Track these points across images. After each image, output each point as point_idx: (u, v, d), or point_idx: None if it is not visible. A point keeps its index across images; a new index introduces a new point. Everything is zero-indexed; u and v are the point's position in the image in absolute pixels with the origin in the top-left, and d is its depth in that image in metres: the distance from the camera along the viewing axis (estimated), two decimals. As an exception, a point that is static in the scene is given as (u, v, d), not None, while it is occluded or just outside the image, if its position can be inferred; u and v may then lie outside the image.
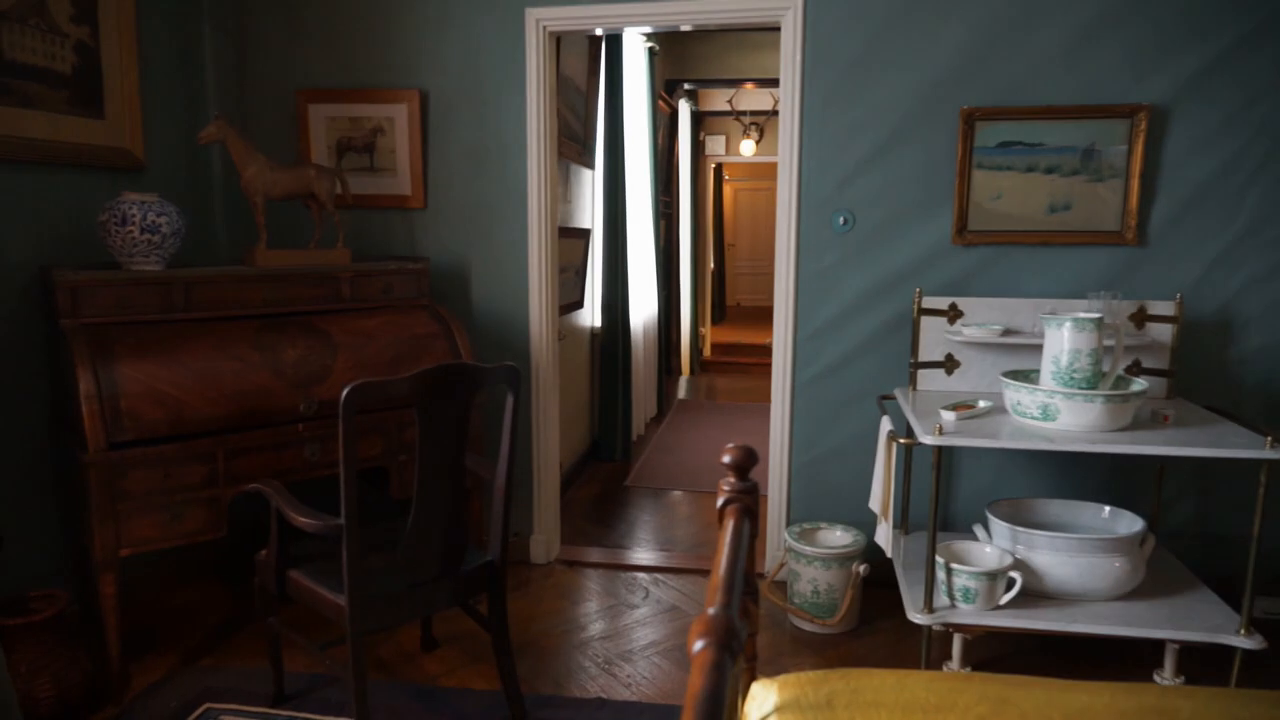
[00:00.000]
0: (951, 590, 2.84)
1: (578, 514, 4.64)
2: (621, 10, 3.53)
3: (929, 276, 3.44)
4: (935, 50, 3.34)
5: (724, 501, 1.55)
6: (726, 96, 9.31)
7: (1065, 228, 3.34)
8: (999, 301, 3.33)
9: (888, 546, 3.04)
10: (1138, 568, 2.88)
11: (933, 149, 3.39)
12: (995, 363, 3.29)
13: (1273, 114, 3.19)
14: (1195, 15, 3.18)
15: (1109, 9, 3.22)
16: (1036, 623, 2.79)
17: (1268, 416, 3.27)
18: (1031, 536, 2.88)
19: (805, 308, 3.57)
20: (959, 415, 2.87)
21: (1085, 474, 3.43)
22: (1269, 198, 3.23)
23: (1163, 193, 3.29)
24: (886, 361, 3.53)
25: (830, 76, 3.43)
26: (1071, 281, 3.36)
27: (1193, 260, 3.30)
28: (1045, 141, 3.31)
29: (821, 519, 3.60)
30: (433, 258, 3.77)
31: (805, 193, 3.51)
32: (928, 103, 3.37)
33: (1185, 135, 3.24)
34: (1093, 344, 2.75)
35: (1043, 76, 3.29)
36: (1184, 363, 3.30)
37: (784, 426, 3.66)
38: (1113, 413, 2.72)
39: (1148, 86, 3.24)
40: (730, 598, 1.16)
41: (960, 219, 3.38)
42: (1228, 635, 2.69)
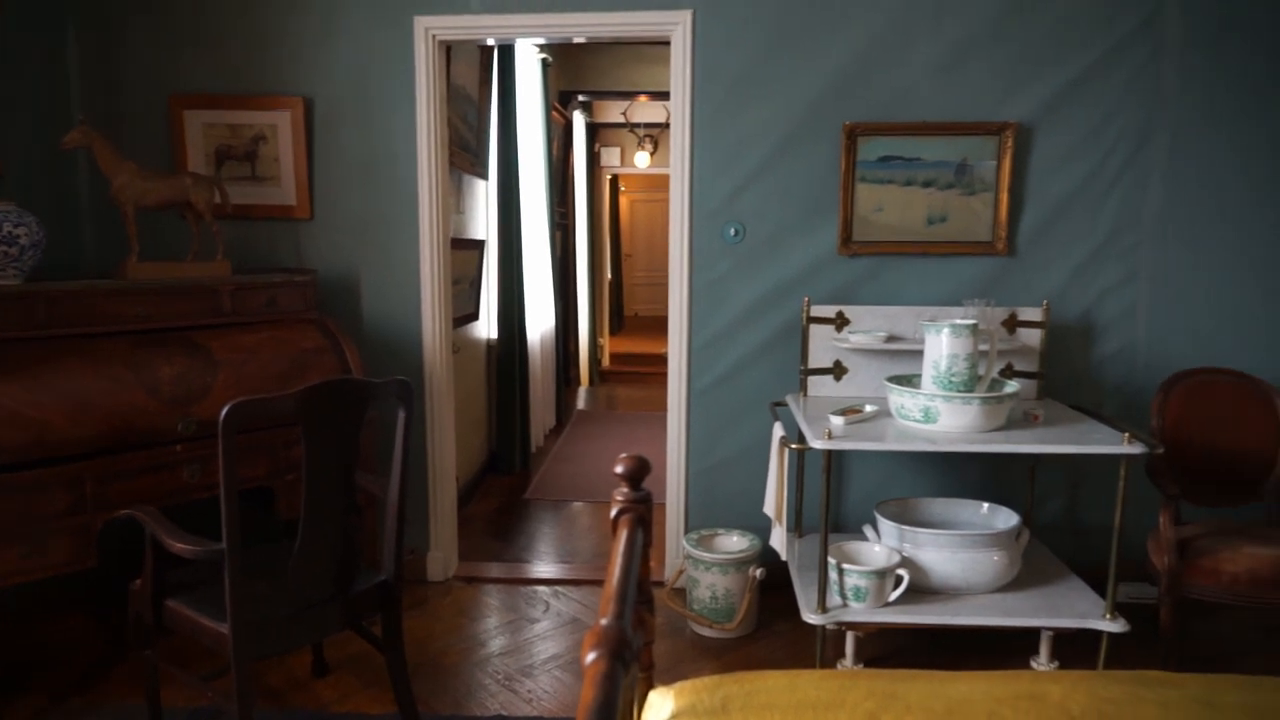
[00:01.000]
0: (843, 590, 2.93)
1: (476, 529, 4.58)
2: (513, 21, 3.52)
3: (817, 285, 3.55)
4: (819, 67, 3.46)
5: (617, 512, 1.55)
6: (621, 108, 9.38)
7: (942, 238, 3.50)
8: (883, 309, 3.47)
9: (782, 550, 3.11)
10: (1014, 561, 3.03)
11: (818, 162, 3.51)
12: (881, 368, 3.42)
13: (1124, 133, 3.43)
14: (1054, 40, 3.39)
15: (976, 33, 3.40)
16: (923, 617, 2.90)
17: (1126, 414, 3.50)
18: (917, 534, 2.99)
19: (699, 317, 3.63)
20: (847, 420, 2.97)
21: (965, 473, 3.60)
22: (1122, 211, 3.48)
23: (1029, 205, 3.49)
24: (778, 369, 3.61)
25: (719, 91, 3.50)
26: (949, 289, 3.53)
27: (1057, 269, 3.51)
28: (923, 156, 3.47)
29: (719, 525, 3.66)
30: (320, 270, 3.65)
31: (697, 204, 3.57)
32: (813, 118, 3.49)
33: (1048, 151, 3.45)
34: (969, 349, 2.90)
35: (919, 94, 3.45)
36: (1052, 365, 3.50)
37: (680, 435, 3.70)
38: (988, 414, 2.86)
39: (1013, 105, 3.43)
40: (623, 608, 1.16)
41: (845, 230, 3.50)
42: (1095, 620, 2.86)
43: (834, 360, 3.49)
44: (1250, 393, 3.29)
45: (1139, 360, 3.55)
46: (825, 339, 3.47)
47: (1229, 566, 2.87)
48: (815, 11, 3.43)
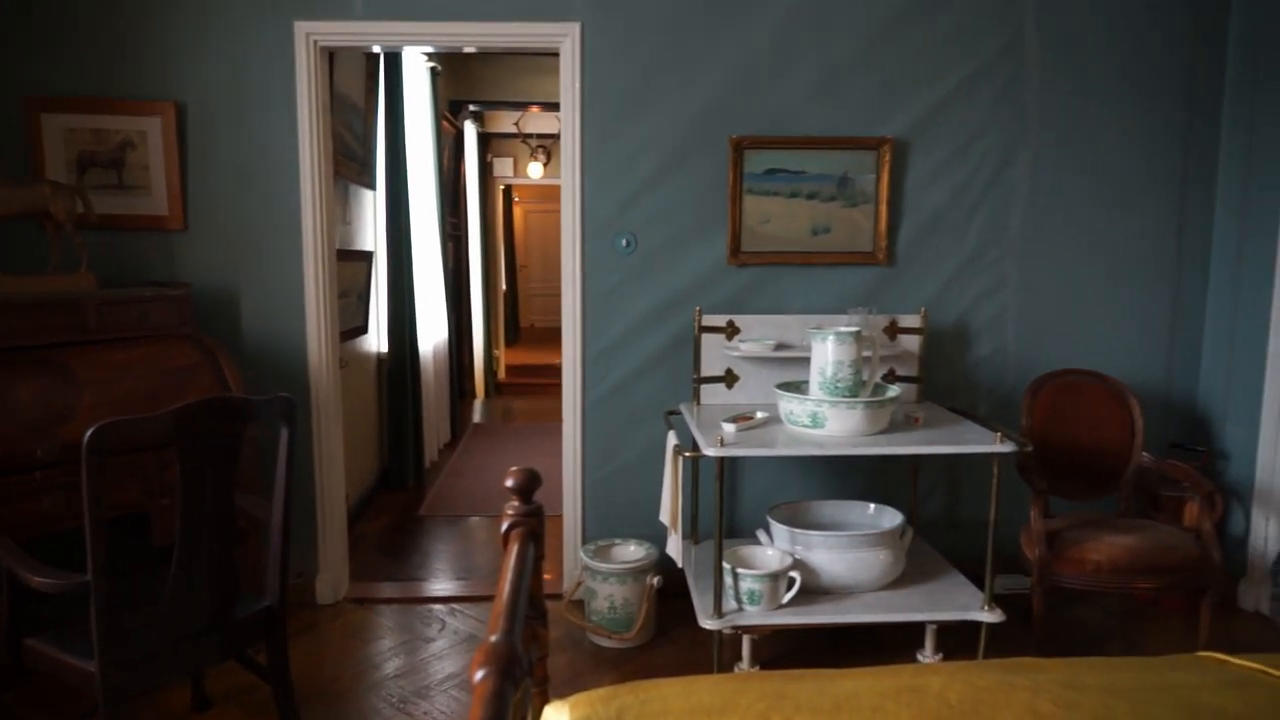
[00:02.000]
0: (739, 594, 2.98)
1: (368, 548, 4.45)
2: (399, 29, 3.46)
3: (708, 295, 3.61)
4: (706, 82, 3.53)
5: (508, 526, 1.54)
6: (513, 119, 9.32)
7: (826, 249, 3.62)
8: (772, 318, 3.56)
9: (678, 557, 3.14)
10: (899, 558, 3.15)
11: (707, 175, 3.57)
12: (771, 375, 3.50)
13: (988, 151, 3.63)
14: (925, 62, 3.56)
15: (853, 54, 3.54)
16: (815, 617, 2.98)
17: (998, 414, 3.70)
18: (808, 537, 3.08)
19: (592, 328, 3.64)
20: (739, 427, 3.03)
21: (852, 474, 3.72)
22: (990, 223, 3.68)
23: (906, 217, 3.65)
24: (671, 377, 3.66)
25: (609, 103, 3.53)
26: (834, 298, 3.65)
27: (933, 278, 3.68)
28: (806, 169, 3.58)
29: (617, 535, 3.66)
30: (196, 283, 3.49)
31: (589, 215, 3.58)
32: (701, 131, 3.55)
33: (922, 166, 3.62)
34: (853, 355, 3.00)
35: (802, 110, 3.56)
36: (930, 369, 3.67)
37: (576, 445, 3.70)
38: (872, 417, 2.97)
39: (890, 122, 3.59)
40: (512, 624, 1.15)
41: (734, 241, 3.58)
42: (974, 612, 3.00)
43: (726, 368, 3.55)
44: (1108, 393, 3.52)
45: (1009, 363, 3.76)
46: (717, 348, 3.53)
47: (1093, 555, 3.06)
48: (701, 28, 3.51)
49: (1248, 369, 3.61)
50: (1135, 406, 3.47)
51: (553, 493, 3.84)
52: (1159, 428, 3.74)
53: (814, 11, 3.52)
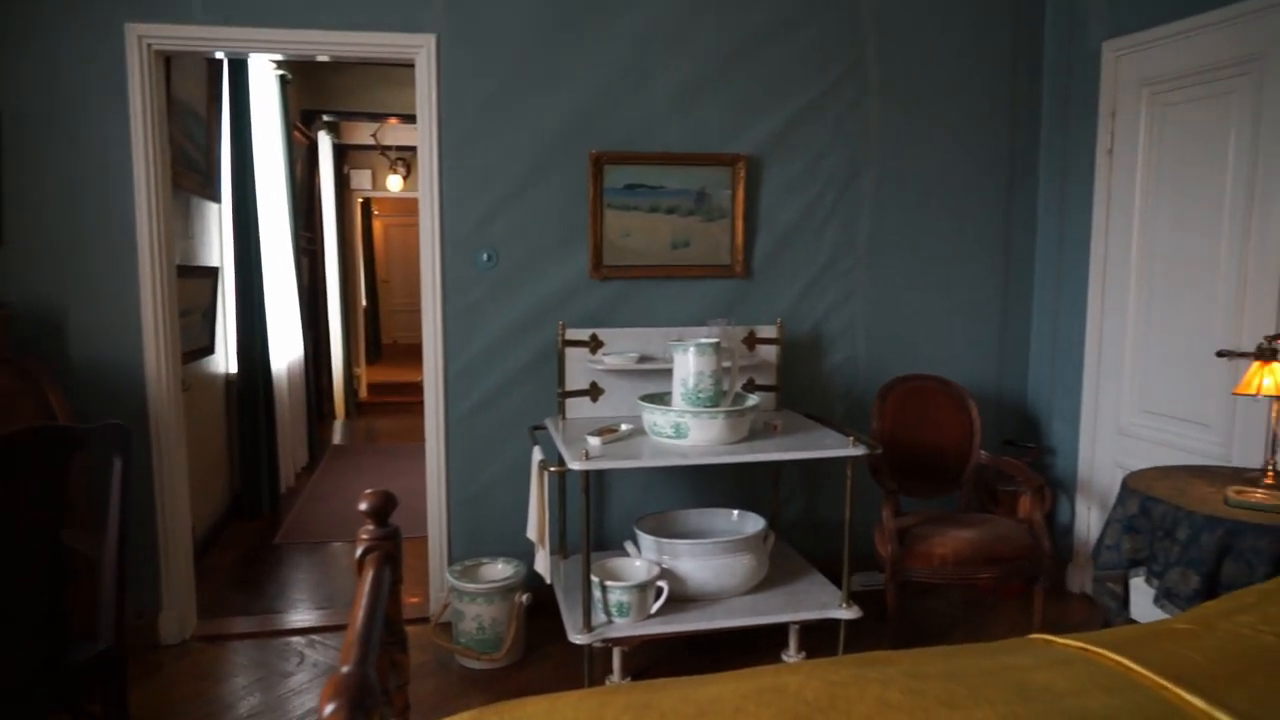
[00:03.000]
0: (608, 606, 2.99)
1: (219, 582, 4.20)
2: (243, 35, 3.31)
3: (571, 309, 3.62)
4: (566, 96, 3.55)
5: (362, 551, 1.49)
6: (371, 130, 9.07)
7: (686, 262, 3.70)
8: (634, 331, 3.60)
9: (547, 573, 3.12)
10: (763, 562, 3.25)
11: (567, 189, 3.59)
12: (635, 387, 3.53)
13: (835, 168, 3.82)
14: (776, 81, 3.71)
15: (707, 73, 3.65)
16: (683, 625, 3.02)
17: (852, 419, 3.87)
18: (674, 545, 3.12)
19: (454, 343, 3.58)
20: (604, 440, 3.04)
21: (716, 482, 3.80)
22: (840, 237, 3.86)
23: (762, 231, 3.78)
24: (536, 392, 3.64)
25: (468, 116, 3.49)
26: (695, 310, 3.73)
27: (788, 289, 3.82)
28: (665, 184, 3.65)
29: (484, 554, 3.61)
30: (16, 302, 3.21)
31: (448, 230, 3.53)
32: (561, 145, 3.57)
33: (776, 182, 3.76)
34: (713, 366, 3.07)
35: (660, 126, 3.63)
36: (788, 377, 3.80)
37: (440, 464, 3.62)
38: (733, 426, 3.05)
39: (744, 139, 3.71)
40: (365, 653, 1.11)
41: (596, 255, 3.61)
42: (834, 610, 3.12)
43: (590, 382, 3.57)
44: (949, 396, 3.75)
45: (860, 370, 3.94)
46: (581, 361, 3.54)
47: (939, 550, 3.24)
48: (561, 43, 3.53)
49: (1068, 371, 3.93)
50: (973, 408, 3.71)
51: (416, 513, 3.77)
52: (994, 427, 4.02)
53: (670, 31, 3.60)
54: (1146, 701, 1.63)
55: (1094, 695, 1.65)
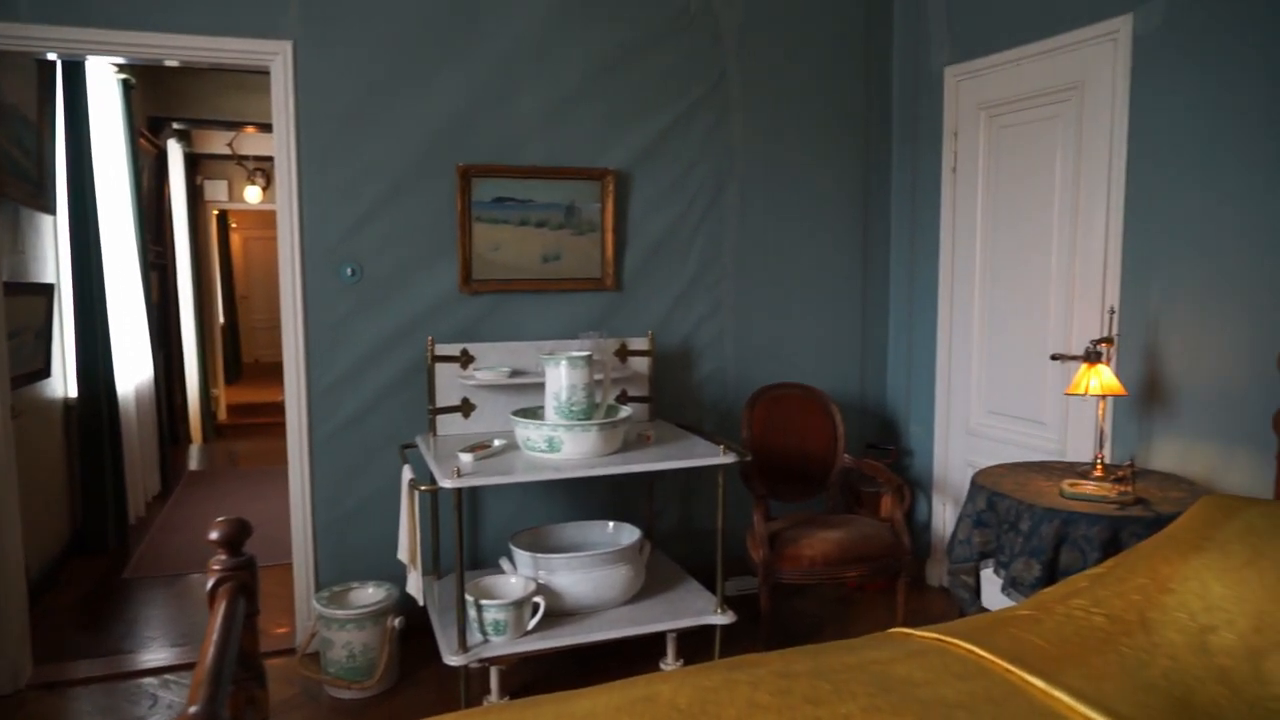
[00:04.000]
0: (483, 625, 2.94)
1: (58, 623, 3.88)
2: (78, 36, 3.09)
3: (440, 324, 3.55)
4: (431, 108, 3.49)
5: (214, 583, 1.41)
6: (226, 139, 8.64)
7: (557, 275, 3.70)
8: (506, 345, 3.57)
9: (419, 595, 3.04)
10: (639, 572, 3.27)
11: (435, 202, 3.53)
12: (507, 402, 3.50)
13: (702, 182, 3.91)
14: (642, 97, 3.77)
15: (574, 87, 3.67)
16: (560, 640, 3.00)
17: (723, 428, 3.96)
18: (550, 560, 3.10)
19: (318, 361, 3.45)
20: (476, 456, 3.00)
21: (591, 495, 3.81)
22: (707, 250, 3.95)
23: (632, 244, 3.82)
24: (406, 409, 3.55)
25: (328, 126, 3.38)
26: (566, 323, 3.73)
27: (659, 301, 3.88)
28: (535, 198, 3.64)
29: (354, 578, 3.48)
30: None
31: (309, 243, 3.40)
32: (427, 157, 3.50)
33: (644, 196, 3.82)
34: (586, 379, 3.08)
35: (528, 139, 3.62)
36: (660, 388, 3.85)
37: (305, 487, 3.47)
38: (606, 438, 3.06)
39: (612, 154, 3.75)
40: (216, 691, 1.05)
41: (465, 269, 3.56)
42: (709, 616, 3.18)
43: (462, 398, 3.51)
44: (814, 403, 3.90)
45: (730, 379, 4.04)
46: (452, 377, 3.48)
47: (808, 551, 3.35)
48: (426, 53, 3.47)
49: (923, 377, 4.15)
50: (837, 414, 3.86)
51: (279, 540, 3.60)
52: (857, 431, 4.20)
53: (537, 45, 3.61)
54: (993, 685, 1.73)
55: (947, 683, 1.75)
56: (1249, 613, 1.80)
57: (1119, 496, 2.62)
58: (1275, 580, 1.81)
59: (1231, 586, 1.86)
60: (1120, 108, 3.12)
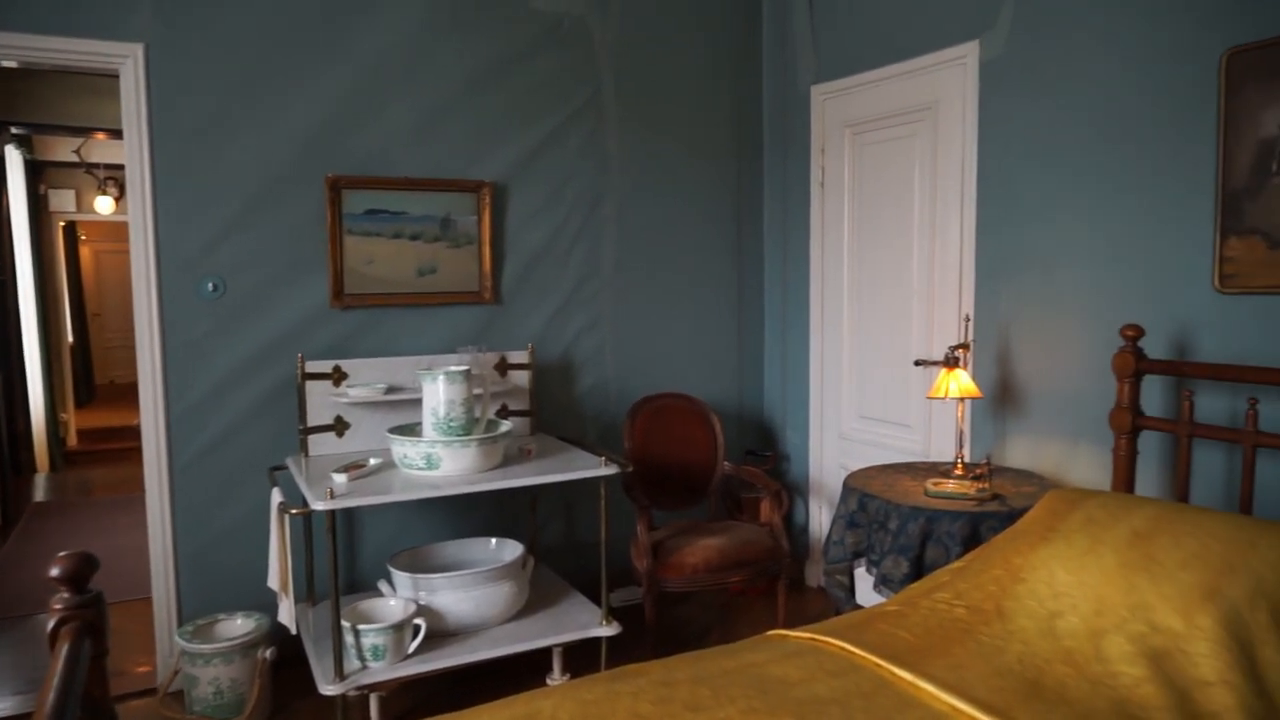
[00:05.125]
0: (361, 651, 2.84)
1: (-122, 677, 3.52)
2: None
3: (311, 340, 3.43)
4: (298, 117, 3.37)
5: (55, 623, 1.31)
6: (74, 145, 8.08)
7: (433, 289, 3.64)
8: (381, 361, 3.48)
9: (291, 623, 2.92)
10: (523, 588, 3.24)
11: (303, 214, 3.41)
12: (384, 420, 3.41)
13: (579, 195, 3.93)
14: (518, 109, 3.76)
15: (447, 98, 3.62)
16: (442, 661, 2.94)
17: (605, 439, 3.97)
18: (430, 580, 3.03)
19: (178, 381, 3.27)
20: (351, 476, 2.91)
21: (473, 512, 3.75)
22: (586, 262, 3.96)
23: (510, 257, 3.80)
24: (276, 430, 3.41)
25: (185, 134, 3.22)
26: (444, 338, 3.67)
27: (538, 314, 3.87)
28: (408, 210, 3.57)
29: (221, 610, 3.30)
30: None
31: (166, 257, 3.23)
32: (294, 168, 3.38)
33: (521, 208, 3.80)
34: (464, 394, 3.04)
35: (400, 150, 3.55)
36: (541, 402, 3.84)
37: (164, 515, 3.28)
38: (486, 454, 3.03)
39: (488, 165, 3.72)
40: (55, 739, 0.98)
41: (336, 283, 3.45)
42: (594, 629, 3.17)
43: (335, 416, 3.39)
44: (694, 412, 3.96)
45: (611, 391, 4.06)
46: (324, 395, 3.36)
47: (691, 559, 3.40)
48: (292, 59, 3.35)
49: (798, 383, 4.29)
50: (716, 422, 3.94)
51: (138, 573, 3.38)
52: (736, 439, 4.29)
53: (409, 53, 3.54)
54: (864, 680, 1.80)
55: (821, 681, 1.80)
56: (1090, 597, 1.94)
57: (977, 493, 2.78)
58: (1112, 566, 1.96)
59: (1075, 573, 2.00)
60: (970, 128, 3.32)
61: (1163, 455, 2.74)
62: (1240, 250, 2.51)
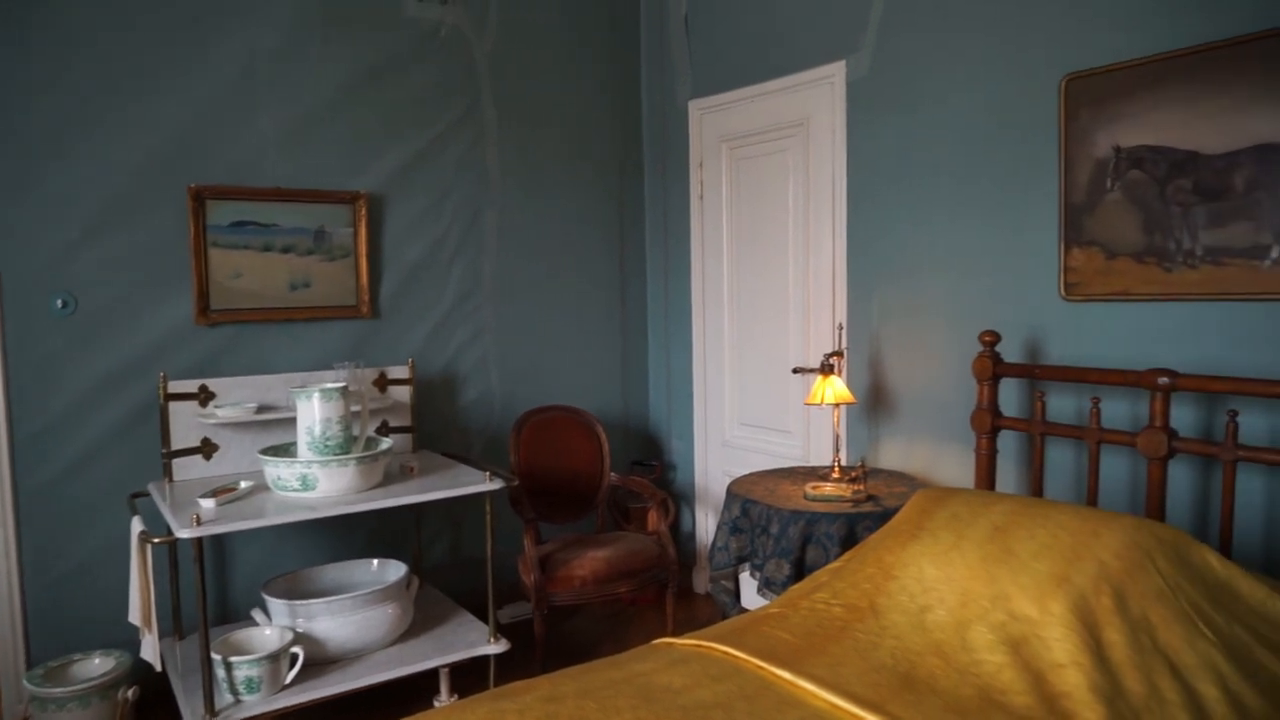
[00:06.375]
0: (234, 685, 2.71)
1: None
2: None
3: (174, 359, 3.25)
4: (158, 122, 3.20)
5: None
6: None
7: (307, 304, 3.51)
8: (251, 379, 3.33)
9: (156, 659, 2.75)
10: (407, 610, 3.15)
11: (164, 226, 3.23)
12: (255, 441, 3.26)
13: (460, 206, 3.88)
14: (395, 119, 3.69)
15: (319, 106, 3.51)
16: (322, 690, 2.83)
17: (491, 454, 3.93)
18: (308, 606, 2.92)
19: (23, 405, 3.04)
20: (219, 500, 2.77)
21: (354, 533, 3.63)
22: (467, 274, 3.92)
23: (388, 270, 3.71)
24: (136, 455, 3.21)
25: (28, 141, 3.01)
26: (319, 354, 3.55)
27: (419, 328, 3.79)
28: (279, 222, 3.44)
29: (77, 650, 3.08)
30: None
31: (8, 272, 3.00)
32: (153, 178, 3.21)
33: (400, 220, 3.72)
34: (341, 411, 2.94)
35: (270, 160, 3.42)
36: (423, 418, 3.76)
37: (8, 551, 3.04)
38: (366, 472, 2.94)
39: (364, 176, 3.62)
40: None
41: (201, 298, 3.28)
42: (482, 647, 3.12)
43: (202, 438, 3.23)
44: (580, 424, 3.96)
45: (495, 404, 4.02)
46: (189, 416, 3.19)
47: (579, 571, 3.39)
48: (146, 63, 3.17)
49: (682, 393, 4.35)
50: (602, 434, 3.95)
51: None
52: (623, 449, 4.32)
53: (279, 58, 3.42)
54: (746, 683, 1.84)
55: (706, 686, 1.83)
56: (956, 590, 2.04)
57: (853, 495, 2.89)
58: (975, 559, 2.07)
59: (941, 568, 2.10)
60: (839, 144, 3.46)
61: (1020, 453, 2.92)
62: (1081, 260, 2.70)
